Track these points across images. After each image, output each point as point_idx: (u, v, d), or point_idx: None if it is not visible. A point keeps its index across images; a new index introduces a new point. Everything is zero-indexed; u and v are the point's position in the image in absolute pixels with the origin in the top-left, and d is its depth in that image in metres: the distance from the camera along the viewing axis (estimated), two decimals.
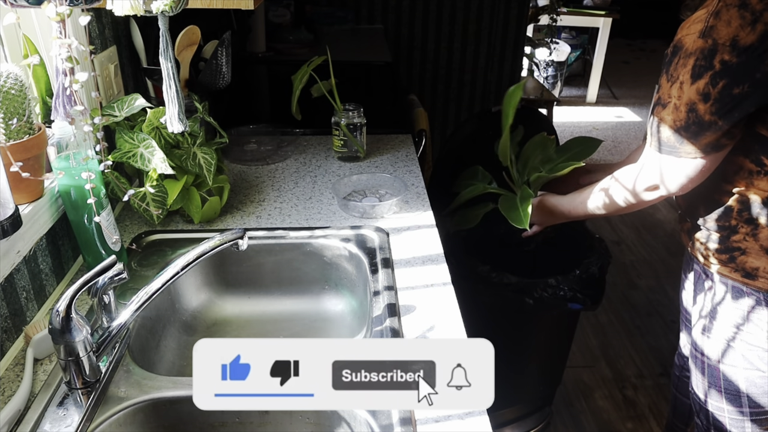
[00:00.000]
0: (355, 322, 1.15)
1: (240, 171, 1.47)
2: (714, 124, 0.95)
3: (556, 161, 1.43)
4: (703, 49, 0.93)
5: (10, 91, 0.85)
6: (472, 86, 3.03)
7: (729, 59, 0.91)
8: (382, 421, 0.77)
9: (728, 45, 0.91)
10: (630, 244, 2.98)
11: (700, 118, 0.96)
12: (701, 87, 0.94)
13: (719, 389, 1.16)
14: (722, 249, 1.09)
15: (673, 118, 0.99)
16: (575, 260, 1.47)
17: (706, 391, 1.19)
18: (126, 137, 1.09)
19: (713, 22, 0.92)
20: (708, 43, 0.92)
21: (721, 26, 0.91)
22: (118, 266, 0.78)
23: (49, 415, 0.77)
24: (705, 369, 1.17)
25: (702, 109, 0.95)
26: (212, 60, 1.30)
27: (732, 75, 0.92)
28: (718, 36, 0.91)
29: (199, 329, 1.15)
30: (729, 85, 0.92)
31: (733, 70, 0.91)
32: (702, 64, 0.93)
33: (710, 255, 1.11)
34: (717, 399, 1.17)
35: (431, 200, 1.34)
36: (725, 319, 1.11)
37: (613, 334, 2.38)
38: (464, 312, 0.98)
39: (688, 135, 0.98)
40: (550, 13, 3.84)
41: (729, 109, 0.94)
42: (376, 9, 2.82)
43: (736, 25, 0.90)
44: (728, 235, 1.08)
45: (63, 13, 0.71)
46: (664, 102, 1.01)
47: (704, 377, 1.18)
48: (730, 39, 0.90)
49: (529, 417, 1.79)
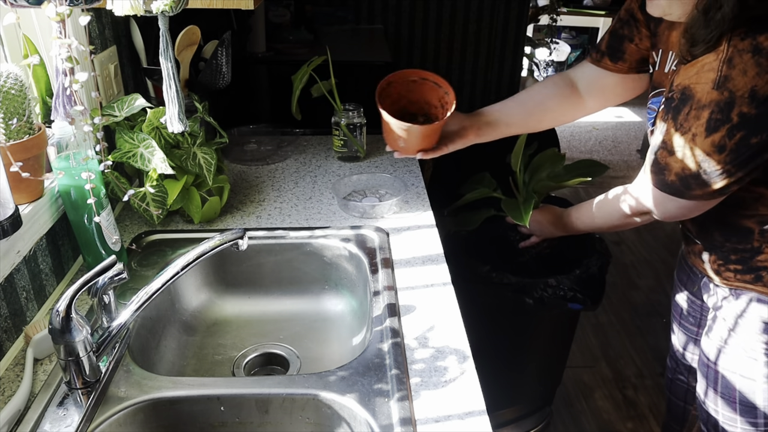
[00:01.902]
0: (355, 322, 1.15)
1: (240, 171, 1.47)
2: (727, 172, 0.92)
3: (563, 177, 1.46)
4: (719, 102, 0.87)
5: (10, 91, 0.85)
6: (472, 86, 3.03)
7: (748, 111, 0.86)
8: (382, 421, 0.77)
9: (747, 97, 0.85)
10: (630, 244, 2.98)
11: (712, 168, 0.92)
12: (717, 140, 0.89)
13: (733, 401, 1.13)
14: (745, 269, 1.05)
15: (681, 167, 0.95)
16: (575, 260, 1.47)
17: (716, 402, 1.17)
18: (126, 137, 1.09)
19: (727, 71, 0.86)
20: (724, 96, 0.87)
21: (736, 76, 0.86)
22: (118, 266, 0.78)
23: (49, 415, 0.77)
24: (719, 380, 1.14)
25: (716, 160, 0.91)
26: (212, 60, 1.30)
27: (751, 126, 0.87)
28: (735, 87, 0.86)
29: (199, 329, 1.15)
30: (747, 136, 0.88)
31: (752, 121, 0.87)
32: (718, 117, 0.88)
33: (732, 276, 1.07)
34: (729, 411, 1.14)
35: (431, 200, 1.34)
36: (747, 332, 1.08)
37: (613, 334, 2.38)
38: (464, 312, 0.98)
39: (696, 183, 0.94)
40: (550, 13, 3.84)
41: (745, 159, 0.90)
42: (376, 9, 2.82)
43: (753, 73, 0.85)
44: (751, 257, 1.04)
45: (63, 13, 0.71)
46: (671, 149, 0.96)
47: (716, 388, 1.16)
48: (748, 90, 0.85)
49: (529, 417, 1.79)
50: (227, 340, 1.13)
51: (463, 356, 0.89)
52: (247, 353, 1.09)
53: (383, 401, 0.80)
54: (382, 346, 0.90)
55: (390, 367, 0.85)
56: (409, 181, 1.42)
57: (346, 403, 0.81)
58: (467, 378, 0.85)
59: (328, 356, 1.09)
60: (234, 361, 1.08)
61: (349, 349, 1.10)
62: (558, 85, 1.30)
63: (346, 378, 0.84)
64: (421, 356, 0.89)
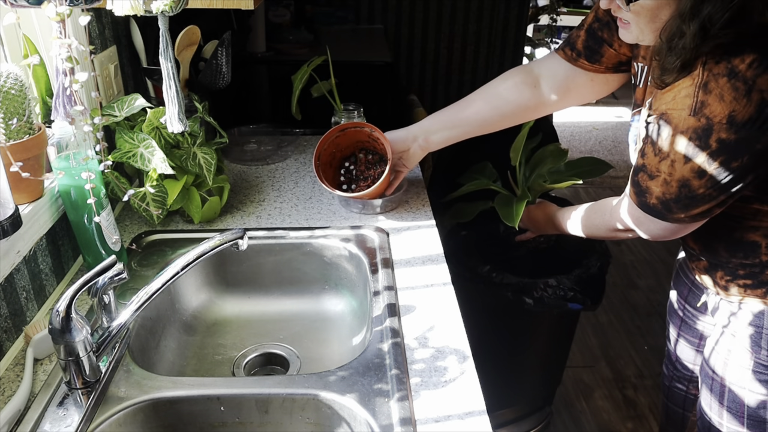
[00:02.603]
0: (355, 322, 1.15)
1: (240, 171, 1.47)
2: (708, 196, 0.90)
3: (564, 173, 1.44)
4: (696, 129, 0.85)
5: (10, 91, 0.85)
6: (472, 86, 3.01)
7: (726, 137, 0.84)
8: (382, 420, 0.77)
9: (725, 123, 0.83)
10: (630, 244, 2.98)
11: (693, 192, 0.90)
12: (696, 166, 0.88)
13: (741, 415, 1.11)
14: (756, 284, 1.03)
15: (662, 191, 0.93)
16: (575, 260, 1.47)
17: (721, 415, 1.15)
18: (126, 137, 1.09)
19: (703, 96, 0.84)
20: (701, 122, 0.84)
21: (713, 101, 0.83)
22: (118, 266, 0.78)
23: (49, 415, 0.77)
24: (725, 393, 1.13)
25: (696, 185, 0.90)
26: (212, 60, 1.30)
27: (730, 151, 0.85)
28: (712, 113, 0.84)
29: (199, 329, 1.15)
30: (727, 161, 0.86)
31: (731, 146, 0.85)
32: (697, 144, 0.86)
33: (742, 291, 1.05)
34: (736, 424, 1.13)
35: (431, 200, 1.34)
36: (756, 345, 1.06)
37: (613, 334, 2.38)
38: (464, 312, 0.98)
39: (678, 207, 0.93)
40: (550, 13, 3.84)
41: (726, 182, 0.88)
42: (376, 9, 2.82)
43: (730, 98, 0.82)
44: (761, 271, 1.02)
45: (63, 13, 0.71)
46: (651, 173, 0.94)
47: (722, 401, 1.14)
48: (726, 116, 0.83)
49: (529, 417, 1.79)
50: (227, 340, 1.13)
51: (463, 356, 0.89)
52: (247, 353, 1.09)
53: (383, 401, 0.80)
54: (382, 346, 0.90)
55: (390, 367, 0.85)
56: (409, 180, 1.42)
57: (346, 403, 0.81)
58: (467, 378, 0.85)
59: (328, 356, 1.09)
60: (234, 361, 1.08)
61: (349, 349, 1.10)
62: (518, 86, 1.22)
63: (346, 378, 0.84)
64: (421, 356, 0.89)
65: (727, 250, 1.04)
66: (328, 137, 1.27)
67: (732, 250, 1.04)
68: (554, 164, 1.45)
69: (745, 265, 1.03)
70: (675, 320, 1.33)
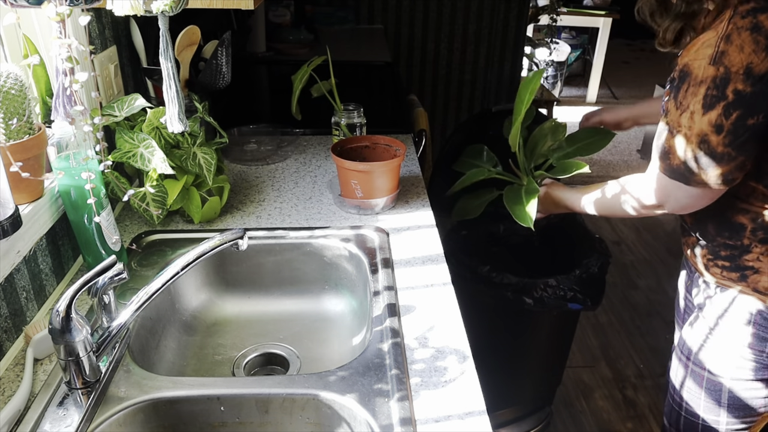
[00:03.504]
0: (355, 322, 1.15)
1: (240, 171, 1.47)
2: (727, 155, 0.91)
3: (566, 149, 1.41)
4: (715, 78, 0.88)
5: (10, 91, 0.85)
6: (472, 86, 3.03)
7: (743, 89, 0.86)
8: (382, 420, 0.77)
9: (742, 73, 0.85)
10: (630, 244, 2.98)
11: (712, 150, 0.92)
12: (713, 118, 0.89)
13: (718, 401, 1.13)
14: (732, 267, 1.05)
15: (684, 148, 0.95)
16: (575, 260, 1.47)
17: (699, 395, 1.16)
18: (126, 137, 1.09)
19: (724, 47, 0.87)
20: (720, 72, 0.87)
21: (733, 52, 0.86)
22: (118, 266, 0.78)
23: (49, 415, 0.77)
24: (703, 377, 1.15)
25: (714, 141, 0.91)
26: (212, 60, 1.30)
27: (746, 105, 0.87)
28: (731, 63, 0.86)
29: (199, 329, 1.15)
30: (743, 116, 0.88)
31: (747, 100, 0.86)
32: (714, 93, 0.88)
33: (718, 272, 1.08)
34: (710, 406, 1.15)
35: (431, 200, 1.34)
36: (729, 330, 1.08)
37: (613, 334, 2.38)
38: (464, 312, 0.98)
39: (699, 166, 0.94)
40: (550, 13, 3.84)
41: (743, 141, 0.90)
42: (376, 9, 2.82)
43: (750, 50, 0.85)
44: (740, 254, 1.04)
45: (63, 13, 0.71)
46: (673, 130, 0.96)
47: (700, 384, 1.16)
48: (743, 67, 0.85)
49: (529, 417, 1.79)
50: (227, 340, 1.13)
51: (462, 356, 0.89)
52: (247, 353, 1.09)
53: (383, 401, 0.80)
54: (382, 346, 0.90)
55: (390, 367, 0.85)
56: (409, 181, 1.42)
57: (346, 403, 0.81)
58: (467, 378, 0.85)
59: (328, 356, 1.09)
60: (234, 361, 1.08)
61: (349, 349, 1.10)
62: None
63: (346, 378, 0.84)
64: (421, 356, 0.89)
65: (715, 228, 1.07)
66: (356, 141, 1.35)
67: (719, 229, 1.06)
68: (554, 140, 1.42)
69: (727, 245, 1.05)
70: (678, 310, 1.35)
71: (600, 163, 3.83)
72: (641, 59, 6.13)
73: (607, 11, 4.60)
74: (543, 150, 1.42)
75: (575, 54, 5.13)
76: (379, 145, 1.34)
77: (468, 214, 1.49)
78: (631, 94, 5.14)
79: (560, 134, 1.43)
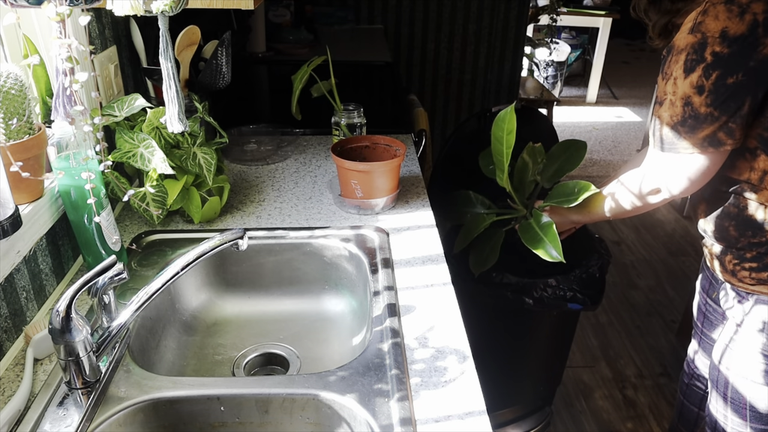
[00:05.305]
0: (355, 322, 1.15)
1: (240, 171, 1.47)
2: (710, 115, 0.96)
3: (551, 168, 1.42)
4: (694, 44, 0.95)
5: (10, 91, 0.85)
6: (472, 86, 3.03)
7: (720, 50, 0.92)
8: (382, 421, 0.77)
9: (718, 37, 0.92)
10: (630, 244, 2.98)
11: (696, 111, 0.97)
12: (695, 80, 0.95)
13: (743, 407, 1.13)
14: (761, 267, 1.06)
15: (670, 114, 1.00)
16: (575, 260, 1.47)
17: (725, 408, 1.16)
18: (126, 137, 1.09)
19: (701, 18, 0.94)
20: (697, 38, 0.94)
21: (709, 21, 0.93)
22: (118, 266, 0.78)
23: (49, 415, 0.77)
24: (723, 383, 1.14)
25: (697, 102, 0.96)
26: (212, 60, 1.30)
27: (725, 65, 0.93)
28: (707, 29, 0.93)
29: (199, 329, 1.15)
30: (722, 76, 0.93)
31: (725, 60, 0.93)
32: (693, 57, 0.95)
33: (747, 275, 1.08)
34: (739, 418, 1.14)
35: (431, 200, 1.34)
36: (752, 333, 1.08)
37: (613, 334, 2.38)
38: (464, 312, 0.98)
39: (685, 129, 0.99)
40: (550, 13, 3.85)
41: (724, 99, 0.95)
42: (376, 9, 2.82)
43: (724, 18, 0.92)
44: (766, 251, 1.05)
45: (63, 13, 0.71)
46: (660, 100, 1.02)
47: (725, 393, 1.15)
48: (719, 31, 0.92)
49: (529, 417, 1.79)
50: (227, 340, 1.13)
51: (462, 356, 0.89)
52: (247, 353, 1.09)
53: (383, 401, 0.80)
54: (382, 346, 0.90)
55: (390, 367, 0.85)
56: (409, 181, 1.42)
57: (346, 403, 0.81)
58: (467, 378, 0.85)
59: (328, 356, 1.09)
60: (234, 361, 1.08)
61: (349, 349, 1.10)
62: None
63: (346, 378, 0.84)
64: (421, 356, 0.89)
65: (736, 229, 1.07)
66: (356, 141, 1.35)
67: (741, 229, 1.07)
68: (536, 164, 1.42)
69: (752, 244, 1.06)
70: (699, 316, 1.34)
71: (600, 163, 3.83)
72: (641, 59, 6.14)
73: (607, 11, 4.60)
74: (530, 178, 1.43)
75: (575, 54, 5.13)
76: (379, 145, 1.34)
77: (487, 264, 1.42)
78: (631, 94, 5.15)
79: (539, 156, 1.43)
